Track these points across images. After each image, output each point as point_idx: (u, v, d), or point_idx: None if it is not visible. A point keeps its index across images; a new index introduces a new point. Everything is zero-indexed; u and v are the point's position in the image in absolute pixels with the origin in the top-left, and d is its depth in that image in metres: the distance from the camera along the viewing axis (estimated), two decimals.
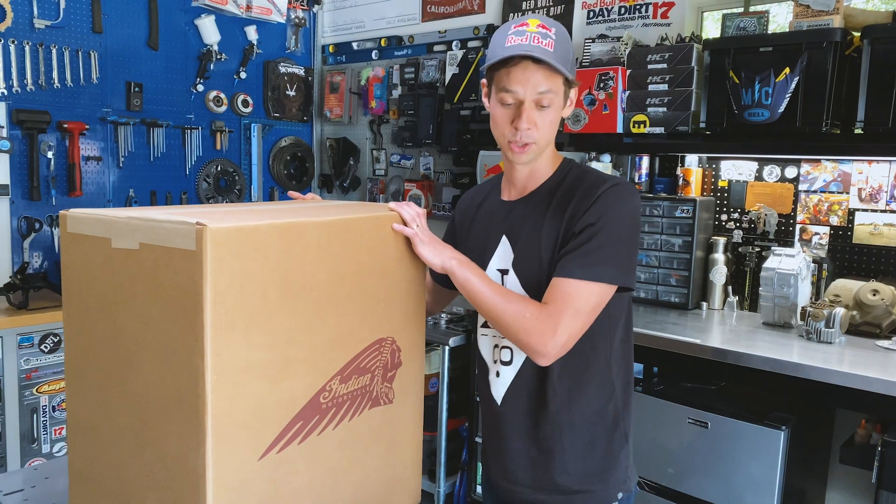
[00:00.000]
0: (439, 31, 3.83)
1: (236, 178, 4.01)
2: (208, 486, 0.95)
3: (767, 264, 2.47)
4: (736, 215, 2.88)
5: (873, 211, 2.58)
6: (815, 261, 2.60)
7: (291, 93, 4.24)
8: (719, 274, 2.76)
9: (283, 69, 4.18)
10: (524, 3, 3.49)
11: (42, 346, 2.83)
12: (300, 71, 4.27)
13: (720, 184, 2.92)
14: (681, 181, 2.90)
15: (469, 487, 3.01)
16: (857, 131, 2.29)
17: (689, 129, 2.61)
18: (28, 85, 3.18)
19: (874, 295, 2.34)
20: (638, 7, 3.09)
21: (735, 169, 2.90)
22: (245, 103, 4.01)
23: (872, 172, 2.58)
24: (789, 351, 2.17)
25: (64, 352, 1.16)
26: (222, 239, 0.93)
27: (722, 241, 2.78)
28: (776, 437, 2.10)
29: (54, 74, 3.26)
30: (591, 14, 3.25)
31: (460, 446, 3.04)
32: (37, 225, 3.25)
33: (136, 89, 3.55)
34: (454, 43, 3.74)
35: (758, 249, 2.78)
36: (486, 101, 1.42)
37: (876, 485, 2.02)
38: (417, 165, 3.95)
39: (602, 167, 2.91)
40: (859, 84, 2.25)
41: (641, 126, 2.71)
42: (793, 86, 2.33)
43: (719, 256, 2.77)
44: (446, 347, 2.86)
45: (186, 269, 0.93)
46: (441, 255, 1.34)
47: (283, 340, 1.05)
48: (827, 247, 2.67)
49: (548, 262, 1.36)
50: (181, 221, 0.93)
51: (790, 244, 2.71)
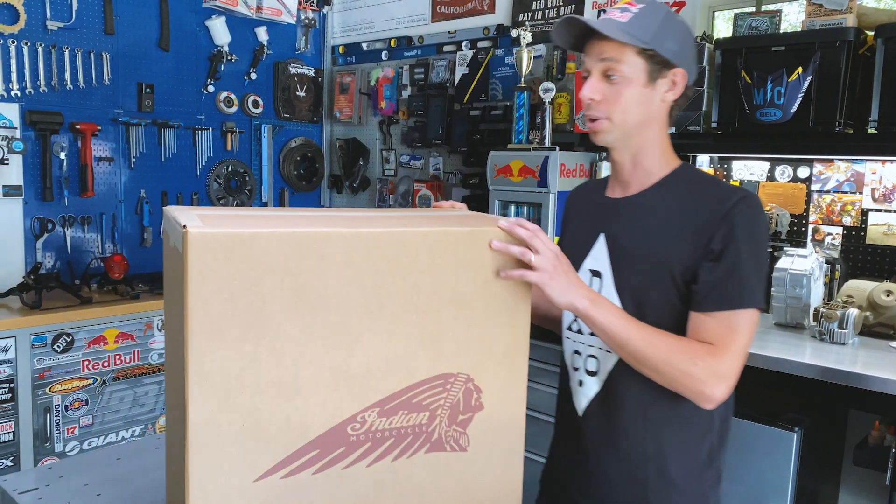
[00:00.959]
0: (449, 32, 3.83)
1: (247, 178, 4.02)
2: (188, 497, 0.93)
3: (780, 265, 2.45)
4: None
5: (887, 211, 2.56)
6: (827, 261, 2.58)
7: (301, 93, 4.25)
8: None
9: (293, 70, 4.19)
10: (534, 2, 3.48)
11: (55, 346, 2.85)
12: (310, 72, 4.28)
13: (732, 184, 2.91)
14: None
15: None
16: (871, 131, 2.28)
17: (701, 129, 2.60)
18: (41, 86, 3.21)
19: (888, 296, 2.32)
20: None
21: (747, 169, 2.88)
22: (255, 104, 4.03)
23: (886, 172, 2.56)
24: (802, 352, 2.15)
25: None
26: (206, 244, 0.90)
27: None
28: (789, 439, 2.09)
29: (67, 76, 3.29)
30: (601, 14, 3.24)
31: None
32: (49, 225, 3.27)
33: (148, 90, 3.57)
34: (464, 43, 3.74)
35: (770, 250, 2.76)
36: None
37: (890, 487, 2.01)
38: (427, 166, 3.95)
39: None
40: (872, 83, 2.24)
41: None
42: (805, 85, 2.31)
43: None
44: None
45: (182, 273, 0.92)
46: (568, 293, 1.15)
47: (291, 358, 0.98)
48: (840, 247, 2.65)
49: (666, 276, 1.24)
50: (181, 224, 0.92)
51: (802, 244, 2.69)
